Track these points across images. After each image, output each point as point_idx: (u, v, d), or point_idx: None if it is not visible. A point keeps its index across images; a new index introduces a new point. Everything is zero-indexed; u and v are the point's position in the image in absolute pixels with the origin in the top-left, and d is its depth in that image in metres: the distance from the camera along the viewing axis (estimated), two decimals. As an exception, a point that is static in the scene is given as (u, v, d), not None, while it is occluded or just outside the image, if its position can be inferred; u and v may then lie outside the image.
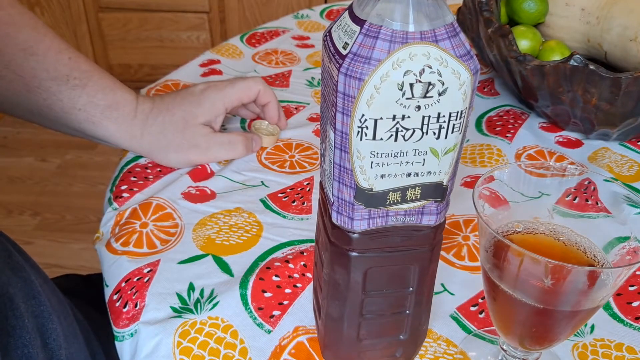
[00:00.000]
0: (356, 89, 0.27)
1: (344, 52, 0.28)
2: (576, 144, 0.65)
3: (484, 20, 0.64)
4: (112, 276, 0.47)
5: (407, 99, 0.28)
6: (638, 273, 0.48)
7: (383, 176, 0.31)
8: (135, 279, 0.46)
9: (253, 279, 0.46)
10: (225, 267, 0.47)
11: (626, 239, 0.34)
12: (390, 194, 0.31)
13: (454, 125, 0.29)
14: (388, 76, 0.27)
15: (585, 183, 0.37)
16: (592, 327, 0.43)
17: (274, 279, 0.46)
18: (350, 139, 0.29)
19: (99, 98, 0.54)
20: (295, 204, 0.55)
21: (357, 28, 0.28)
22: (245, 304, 0.44)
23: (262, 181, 0.58)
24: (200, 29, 2.10)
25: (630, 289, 0.47)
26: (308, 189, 0.57)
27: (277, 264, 0.47)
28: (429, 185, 0.31)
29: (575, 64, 0.56)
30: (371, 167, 0.30)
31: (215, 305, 0.44)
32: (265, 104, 0.62)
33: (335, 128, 0.29)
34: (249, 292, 0.45)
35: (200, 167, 0.59)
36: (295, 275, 0.47)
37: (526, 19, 0.69)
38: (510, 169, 0.37)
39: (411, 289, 0.36)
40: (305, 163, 0.61)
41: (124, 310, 0.44)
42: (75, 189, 1.86)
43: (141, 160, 0.60)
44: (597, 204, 0.37)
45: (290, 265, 0.47)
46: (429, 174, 0.31)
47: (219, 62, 0.80)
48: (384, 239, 0.33)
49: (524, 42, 0.66)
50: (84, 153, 2.01)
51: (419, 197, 0.32)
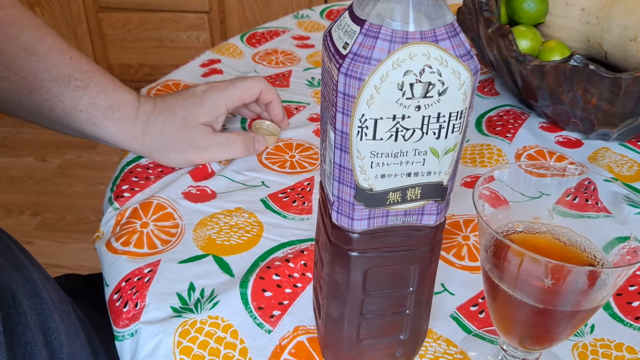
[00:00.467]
0: (356, 88, 0.27)
1: (344, 52, 0.28)
2: (576, 144, 0.65)
3: (484, 20, 0.64)
4: (112, 276, 0.48)
5: (407, 98, 0.28)
6: (638, 273, 0.48)
7: (383, 176, 0.31)
8: (135, 279, 0.46)
9: (253, 278, 0.46)
10: (225, 267, 0.48)
11: (626, 239, 0.34)
12: (391, 194, 0.31)
13: (454, 125, 0.29)
14: (388, 76, 0.27)
15: (585, 183, 0.37)
16: (592, 327, 0.43)
17: (274, 278, 0.46)
18: (350, 139, 0.29)
19: (101, 99, 0.54)
20: (295, 204, 0.55)
21: (357, 28, 0.28)
22: (246, 303, 0.44)
23: (263, 181, 0.58)
24: (200, 29, 2.10)
25: (630, 289, 0.47)
26: (308, 189, 0.57)
27: (278, 263, 0.47)
28: (429, 185, 0.31)
29: (575, 64, 0.56)
30: (371, 167, 0.30)
31: (215, 305, 0.44)
32: (269, 102, 0.63)
33: (335, 128, 0.29)
34: (249, 292, 0.45)
35: (201, 167, 0.59)
36: (296, 274, 0.47)
37: (526, 19, 0.69)
38: (510, 169, 0.37)
39: (411, 289, 0.36)
40: (305, 163, 0.61)
41: (124, 310, 0.44)
42: (75, 189, 1.86)
43: (142, 160, 0.60)
44: (597, 204, 0.37)
45: (291, 265, 0.47)
46: (429, 174, 0.31)
47: (219, 62, 0.80)
48: (384, 239, 0.33)
49: (524, 42, 0.66)
50: (84, 153, 2.01)
51: (419, 197, 0.32)
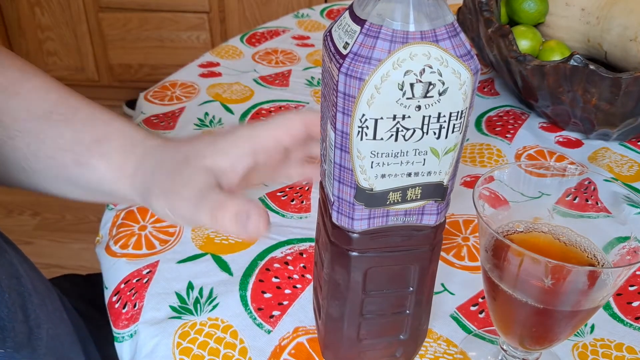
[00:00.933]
0: (356, 88, 0.27)
1: (345, 52, 0.28)
2: (576, 144, 0.65)
3: (484, 20, 0.64)
4: (111, 278, 0.47)
5: (408, 98, 0.28)
6: (638, 273, 0.48)
7: (383, 176, 0.30)
8: (134, 280, 0.46)
9: (253, 280, 0.46)
10: (224, 266, 0.47)
11: (626, 239, 0.34)
12: (391, 193, 0.31)
13: (454, 125, 0.29)
14: (388, 76, 0.27)
15: (586, 183, 0.37)
16: (592, 327, 0.43)
17: (274, 280, 0.46)
18: (350, 139, 0.29)
19: (86, 132, 0.43)
20: (294, 202, 0.55)
21: (358, 28, 0.28)
22: (245, 304, 0.44)
23: (262, 181, 0.58)
24: (200, 29, 2.10)
25: (630, 289, 0.47)
26: (307, 188, 0.57)
27: (277, 265, 0.47)
28: (429, 185, 0.31)
29: (575, 64, 0.56)
30: (371, 167, 0.30)
31: (215, 307, 0.44)
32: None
33: (335, 128, 0.29)
34: (249, 293, 0.45)
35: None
36: (295, 276, 0.47)
37: (526, 19, 0.69)
38: (510, 169, 0.37)
39: (411, 288, 0.36)
40: (305, 163, 0.61)
41: (123, 311, 0.44)
42: (75, 189, 1.86)
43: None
44: (597, 204, 0.37)
45: (290, 267, 0.47)
46: (430, 173, 0.31)
47: (218, 65, 0.80)
48: (384, 239, 0.33)
49: (524, 42, 0.66)
50: (84, 153, 2.00)
51: (419, 197, 0.32)
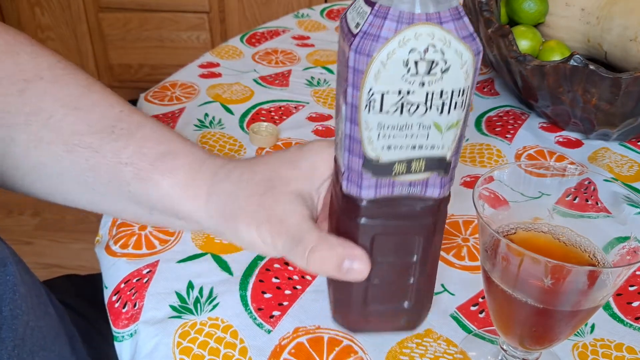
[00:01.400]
0: (365, 64, 0.29)
1: (356, 31, 0.30)
2: (576, 144, 0.65)
3: (484, 20, 0.64)
4: (111, 278, 0.47)
5: (412, 75, 0.29)
6: (638, 273, 0.48)
7: (389, 147, 0.32)
8: (134, 280, 0.46)
9: (253, 280, 0.46)
10: (224, 266, 0.47)
11: (626, 239, 0.34)
12: (396, 164, 0.33)
13: (456, 102, 0.31)
14: (394, 53, 0.29)
15: (585, 183, 0.37)
16: (592, 327, 0.43)
17: (274, 280, 0.46)
18: (359, 112, 0.31)
19: (149, 146, 0.42)
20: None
21: (369, 9, 0.30)
22: (245, 304, 0.44)
23: (262, 181, 0.58)
24: (200, 29, 2.10)
25: (630, 289, 0.47)
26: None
27: (277, 265, 0.47)
28: (432, 158, 0.33)
29: (575, 64, 0.56)
30: (378, 139, 0.32)
31: (215, 307, 0.44)
32: None
33: (346, 101, 0.31)
34: (249, 293, 0.45)
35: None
36: (295, 277, 0.47)
37: (526, 19, 0.69)
38: (510, 169, 0.37)
39: (415, 258, 0.37)
40: (305, 163, 0.61)
41: (123, 310, 0.44)
42: (75, 189, 1.86)
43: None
44: (597, 204, 0.37)
45: (290, 268, 0.47)
46: (433, 147, 0.32)
47: (218, 65, 0.80)
48: (390, 208, 0.35)
49: (524, 42, 0.66)
50: (84, 153, 2.00)
51: (423, 169, 0.33)
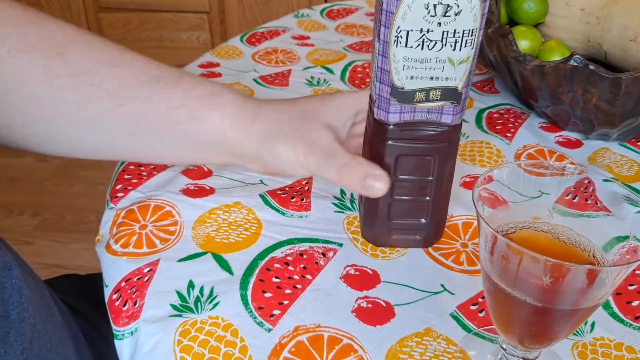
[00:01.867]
0: (395, 6, 0.37)
1: None
2: (576, 144, 0.65)
3: (484, 20, 0.64)
4: (112, 277, 0.48)
5: (432, 16, 0.38)
6: (637, 272, 0.48)
7: (412, 77, 0.40)
8: (135, 279, 0.46)
9: (253, 279, 0.46)
10: (224, 265, 0.48)
11: (626, 238, 0.34)
12: (417, 93, 0.41)
13: (466, 40, 0.39)
14: None
15: (585, 182, 0.37)
16: (592, 326, 0.43)
17: (274, 280, 0.46)
18: (389, 46, 0.39)
19: (196, 90, 0.47)
20: (294, 200, 0.55)
21: None
22: (246, 303, 0.44)
23: (261, 179, 0.58)
24: (200, 29, 2.10)
25: (630, 288, 0.47)
26: (307, 187, 0.57)
27: (277, 265, 0.48)
28: (447, 88, 0.41)
29: (575, 64, 0.56)
30: (403, 69, 0.40)
31: (215, 306, 0.44)
32: None
33: (379, 38, 0.40)
34: (249, 293, 0.45)
35: (195, 168, 0.59)
36: (295, 277, 0.47)
37: (526, 19, 0.69)
38: (509, 169, 0.37)
39: (431, 178, 0.45)
40: (305, 162, 0.61)
41: (124, 308, 0.44)
42: (75, 189, 1.86)
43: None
44: (597, 203, 0.37)
45: (290, 268, 0.47)
46: (447, 79, 0.40)
47: (218, 65, 0.80)
48: (411, 132, 0.43)
49: (524, 42, 0.66)
50: (84, 153, 2.00)
51: (439, 98, 0.41)
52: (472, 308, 0.45)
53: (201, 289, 0.45)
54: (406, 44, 0.39)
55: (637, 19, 0.61)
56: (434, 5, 0.37)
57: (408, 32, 0.38)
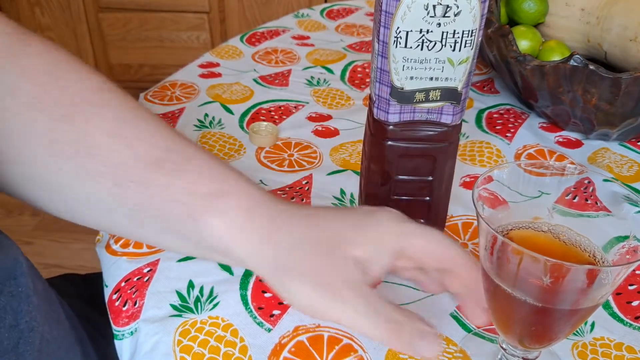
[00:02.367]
0: (394, 7, 0.38)
1: None
2: (576, 144, 0.65)
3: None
4: (112, 277, 0.48)
5: (431, 17, 0.38)
6: (637, 272, 0.48)
7: (412, 78, 0.40)
8: (135, 279, 0.46)
9: (253, 279, 0.46)
10: (224, 265, 0.48)
11: (626, 238, 0.34)
12: (417, 93, 0.41)
13: (466, 41, 0.39)
14: None
15: (585, 182, 0.37)
16: (592, 326, 0.43)
17: (274, 278, 0.46)
18: (388, 47, 0.39)
19: (201, 184, 0.40)
20: (294, 200, 0.55)
21: None
22: (246, 304, 0.44)
23: (261, 180, 0.58)
24: (200, 29, 2.10)
25: (630, 288, 0.47)
26: (307, 187, 0.57)
27: (277, 263, 0.48)
28: (446, 89, 0.41)
29: (575, 64, 0.56)
30: (403, 70, 0.40)
31: (215, 306, 0.44)
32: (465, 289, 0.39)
33: (378, 39, 0.40)
34: (249, 293, 0.45)
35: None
36: (295, 274, 0.47)
37: (526, 19, 0.69)
38: (509, 169, 0.37)
39: (431, 178, 0.46)
40: (303, 162, 0.61)
41: (124, 308, 0.44)
42: (75, 188, 1.86)
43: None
44: (597, 203, 0.37)
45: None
46: (447, 79, 0.40)
47: (218, 65, 0.80)
48: (411, 132, 0.43)
49: (524, 42, 0.66)
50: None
51: (438, 98, 0.41)
52: (472, 308, 0.45)
53: (201, 289, 0.45)
54: (406, 45, 0.39)
55: (637, 19, 0.61)
56: (434, 6, 0.37)
57: (407, 33, 0.38)
